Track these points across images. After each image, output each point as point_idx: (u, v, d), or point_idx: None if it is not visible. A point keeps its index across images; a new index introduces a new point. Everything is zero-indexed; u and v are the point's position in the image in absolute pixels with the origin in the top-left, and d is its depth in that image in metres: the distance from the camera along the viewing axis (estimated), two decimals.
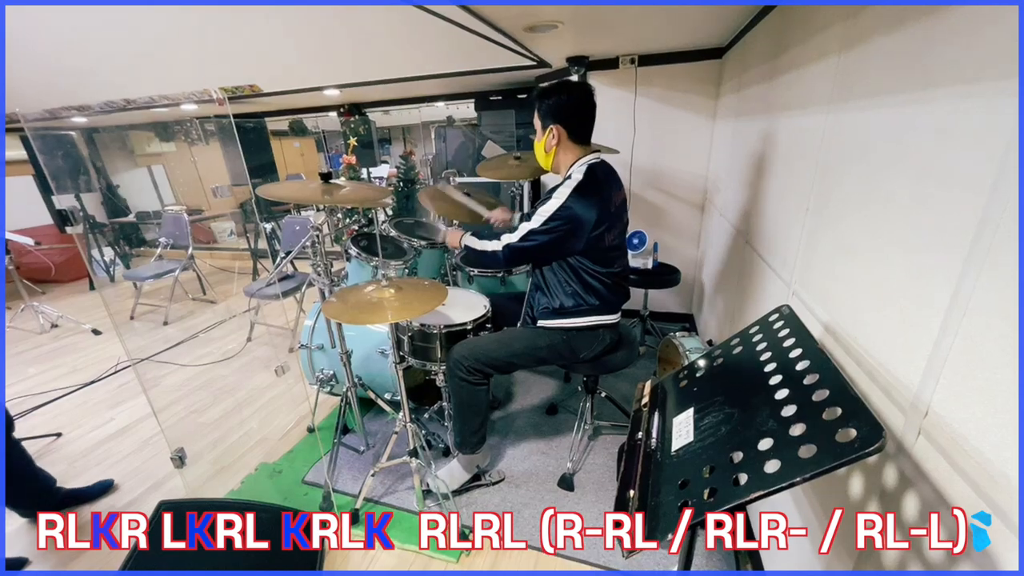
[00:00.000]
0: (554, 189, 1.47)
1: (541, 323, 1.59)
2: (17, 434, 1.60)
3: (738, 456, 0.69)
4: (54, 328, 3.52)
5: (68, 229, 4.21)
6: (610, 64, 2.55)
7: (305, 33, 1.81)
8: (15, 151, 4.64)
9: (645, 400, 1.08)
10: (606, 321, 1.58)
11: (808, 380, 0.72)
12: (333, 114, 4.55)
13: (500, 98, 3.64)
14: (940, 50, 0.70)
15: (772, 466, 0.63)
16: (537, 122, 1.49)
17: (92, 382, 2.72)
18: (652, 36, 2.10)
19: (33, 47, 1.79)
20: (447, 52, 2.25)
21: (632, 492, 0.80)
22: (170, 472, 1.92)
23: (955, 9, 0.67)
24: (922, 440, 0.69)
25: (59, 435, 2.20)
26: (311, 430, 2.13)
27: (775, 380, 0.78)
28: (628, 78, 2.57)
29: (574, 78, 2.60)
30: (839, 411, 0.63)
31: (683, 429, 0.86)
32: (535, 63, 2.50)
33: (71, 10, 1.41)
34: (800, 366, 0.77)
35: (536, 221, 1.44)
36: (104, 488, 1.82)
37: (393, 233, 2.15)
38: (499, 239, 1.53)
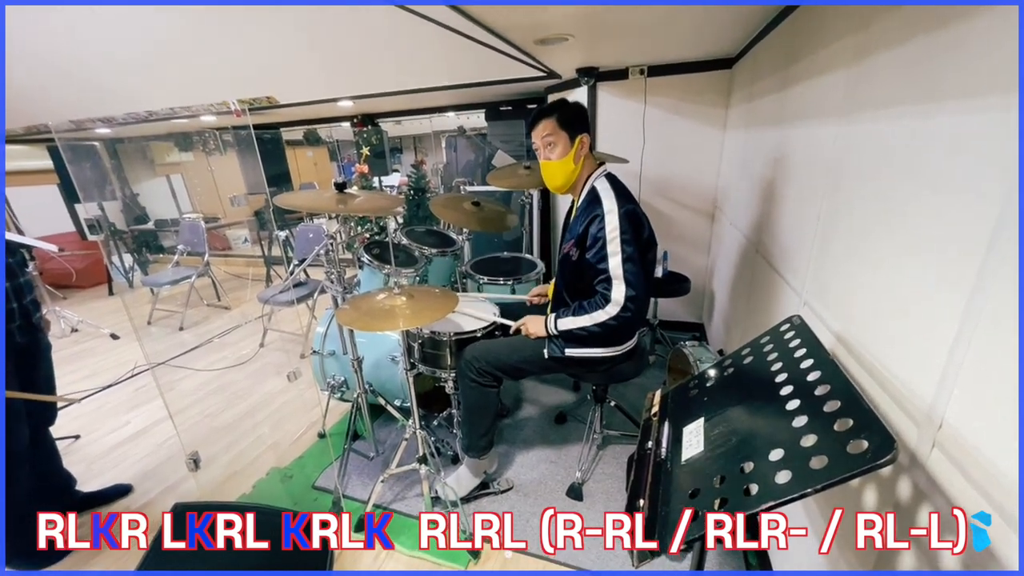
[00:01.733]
0: (588, 213, 1.40)
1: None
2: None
3: (749, 466, 0.69)
4: (74, 332, 3.61)
5: (92, 236, 4.34)
6: (620, 75, 2.58)
7: (321, 46, 1.86)
8: (41, 160, 4.80)
9: (655, 409, 1.08)
10: (615, 353, 1.53)
11: (819, 391, 0.72)
12: (346, 124, 4.65)
13: (510, 108, 3.69)
14: (950, 61, 0.70)
15: (783, 476, 0.63)
16: (562, 135, 1.40)
17: (109, 386, 2.78)
18: (662, 46, 2.12)
19: (53, 56, 1.84)
20: (459, 64, 2.29)
21: (642, 501, 0.80)
22: (184, 475, 1.95)
23: (962, 22, 0.67)
24: (936, 453, 0.69)
25: (78, 437, 2.25)
26: (322, 435, 2.15)
27: (786, 391, 0.78)
28: (638, 88, 2.59)
29: (583, 89, 2.64)
30: (851, 422, 0.63)
31: (693, 439, 0.86)
32: (545, 74, 2.54)
33: (95, 18, 1.45)
34: (811, 377, 0.77)
35: (617, 252, 1.32)
36: (121, 492, 1.85)
37: (405, 241, 2.19)
38: (598, 303, 1.38)
